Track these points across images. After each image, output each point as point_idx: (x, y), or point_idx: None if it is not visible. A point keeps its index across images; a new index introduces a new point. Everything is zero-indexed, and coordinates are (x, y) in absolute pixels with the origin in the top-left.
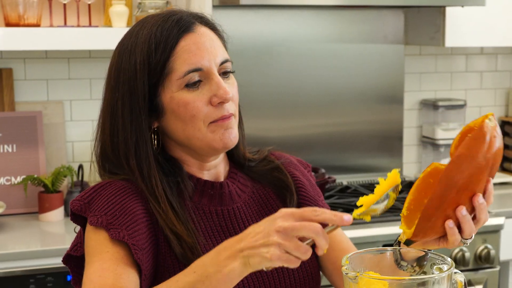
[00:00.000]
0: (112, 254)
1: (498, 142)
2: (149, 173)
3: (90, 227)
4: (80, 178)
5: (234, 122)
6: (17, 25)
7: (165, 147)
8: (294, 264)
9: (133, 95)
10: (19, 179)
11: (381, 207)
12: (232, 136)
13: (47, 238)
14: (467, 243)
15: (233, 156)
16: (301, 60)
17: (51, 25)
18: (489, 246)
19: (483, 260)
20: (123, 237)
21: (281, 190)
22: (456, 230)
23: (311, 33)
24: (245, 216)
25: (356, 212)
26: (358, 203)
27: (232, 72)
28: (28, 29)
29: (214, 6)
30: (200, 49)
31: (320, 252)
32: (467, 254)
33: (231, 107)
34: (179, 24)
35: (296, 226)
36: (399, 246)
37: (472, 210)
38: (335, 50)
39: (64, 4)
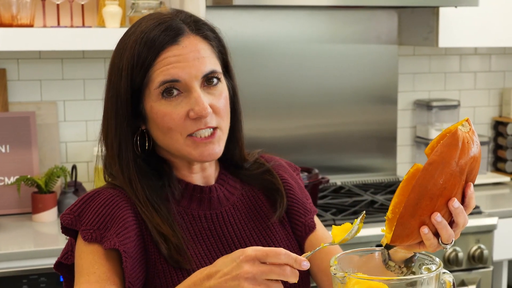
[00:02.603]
0: (99, 275)
1: (474, 147)
2: (129, 177)
3: (83, 242)
4: (73, 179)
5: (218, 135)
6: (10, 25)
7: (155, 149)
8: None
9: (118, 99)
10: (12, 179)
11: (348, 237)
12: (213, 152)
13: (40, 238)
14: (447, 248)
15: (229, 160)
16: (295, 61)
17: (45, 26)
18: (482, 246)
19: (477, 260)
20: (114, 244)
21: (271, 192)
22: (431, 236)
23: (305, 34)
24: (233, 219)
25: (323, 244)
26: (332, 233)
27: (220, 82)
28: (21, 30)
29: (208, 7)
30: (180, 62)
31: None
32: (461, 254)
33: (212, 120)
34: (165, 33)
35: (265, 271)
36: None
37: (450, 215)
38: (328, 51)
39: (57, 5)
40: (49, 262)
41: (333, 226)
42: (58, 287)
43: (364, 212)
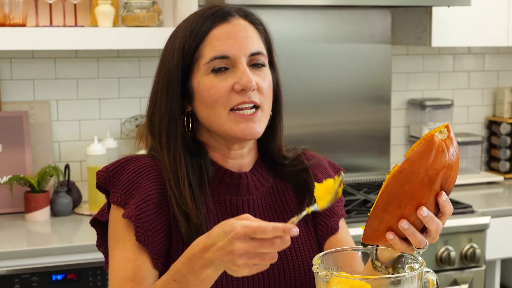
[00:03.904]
0: (134, 243)
1: (449, 156)
2: (175, 151)
3: (113, 205)
4: (66, 178)
5: (260, 115)
6: (2, 25)
7: (196, 131)
8: (265, 266)
9: (169, 78)
10: (5, 178)
11: (330, 203)
12: (254, 130)
13: (33, 237)
14: (419, 252)
15: (267, 151)
16: (288, 60)
17: (37, 25)
18: (475, 245)
19: (469, 260)
20: (130, 217)
21: (302, 191)
22: (398, 241)
23: (298, 33)
24: (258, 209)
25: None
26: (315, 194)
27: (264, 66)
28: (14, 29)
29: (200, 6)
30: (230, 38)
31: None
32: (453, 254)
33: (256, 97)
34: (215, 14)
35: (255, 246)
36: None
37: (421, 221)
38: (322, 50)
39: (50, 4)
40: (42, 262)
41: (316, 184)
42: (50, 286)
43: (342, 172)
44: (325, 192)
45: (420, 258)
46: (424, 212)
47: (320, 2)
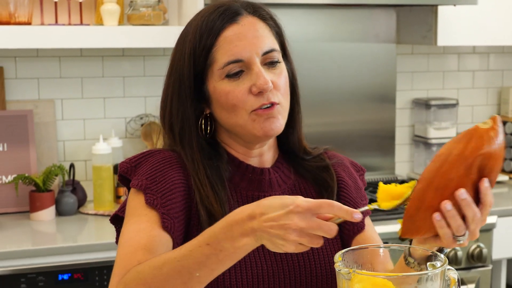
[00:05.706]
0: (150, 217)
1: (490, 144)
2: (192, 157)
3: (133, 189)
4: (71, 177)
5: (279, 111)
6: (8, 23)
7: (216, 132)
8: (307, 248)
9: (181, 83)
10: (10, 178)
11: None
12: (274, 126)
13: (38, 237)
14: (460, 241)
15: (287, 144)
16: (293, 60)
17: (42, 24)
18: (482, 245)
19: (476, 259)
20: (156, 205)
21: (322, 190)
22: (444, 223)
23: (303, 32)
24: None
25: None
26: (378, 196)
27: (279, 62)
28: (19, 28)
29: (206, 4)
30: (241, 40)
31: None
32: (460, 253)
33: (274, 96)
34: (223, 15)
35: (313, 227)
36: (410, 243)
37: (459, 208)
38: (327, 49)
39: (55, 2)
40: (47, 261)
41: (380, 184)
42: (56, 286)
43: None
44: (388, 197)
45: (442, 256)
46: (463, 194)
47: (324, 1)
